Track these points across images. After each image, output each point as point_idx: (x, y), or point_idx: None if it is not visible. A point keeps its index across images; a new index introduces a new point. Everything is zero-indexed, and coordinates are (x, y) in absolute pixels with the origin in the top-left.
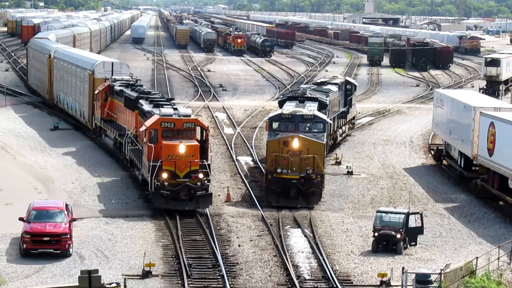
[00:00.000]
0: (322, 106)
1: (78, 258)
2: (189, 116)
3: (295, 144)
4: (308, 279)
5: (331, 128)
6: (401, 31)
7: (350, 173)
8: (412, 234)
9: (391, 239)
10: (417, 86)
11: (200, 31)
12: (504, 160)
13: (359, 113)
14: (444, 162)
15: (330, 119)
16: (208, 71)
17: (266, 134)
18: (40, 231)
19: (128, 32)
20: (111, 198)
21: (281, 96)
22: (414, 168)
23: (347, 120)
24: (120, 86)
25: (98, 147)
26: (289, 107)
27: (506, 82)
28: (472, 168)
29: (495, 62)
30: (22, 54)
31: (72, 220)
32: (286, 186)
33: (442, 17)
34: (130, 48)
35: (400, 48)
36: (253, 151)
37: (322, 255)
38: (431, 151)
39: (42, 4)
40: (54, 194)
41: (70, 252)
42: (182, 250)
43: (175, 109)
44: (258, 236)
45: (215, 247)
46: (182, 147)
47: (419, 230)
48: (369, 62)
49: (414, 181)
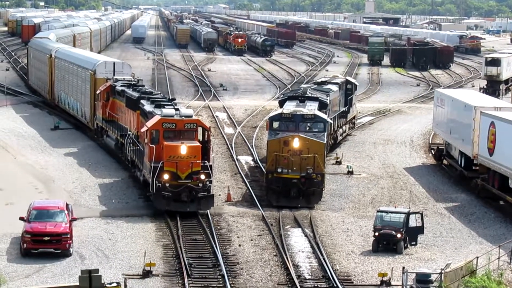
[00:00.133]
0: (323, 106)
1: (79, 258)
2: (190, 116)
3: (296, 143)
4: (309, 279)
5: (332, 128)
6: (401, 31)
7: (350, 172)
8: (412, 234)
9: (391, 239)
10: (417, 85)
11: (201, 31)
12: (505, 160)
13: (359, 112)
14: (444, 161)
15: (331, 119)
16: (209, 70)
17: (267, 134)
18: (40, 231)
19: (129, 32)
20: (111, 197)
21: (281, 96)
22: (414, 168)
23: (348, 119)
24: (121, 86)
25: (99, 146)
26: (289, 107)
27: (506, 82)
28: (473, 167)
29: (495, 62)
30: (22, 54)
31: (73, 219)
32: (287, 185)
33: (443, 16)
34: (131, 48)
35: (401, 47)
36: (253, 151)
37: (322, 255)
38: (432, 150)
39: (42, 3)
40: (54, 193)
41: (71, 252)
42: (183, 250)
43: (176, 109)
44: (258, 235)
45: (216, 247)
46: (184, 148)
47: (420, 230)
48: (369, 61)
49: (415, 180)
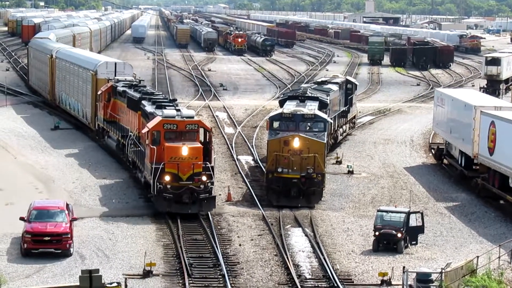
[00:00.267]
0: (323, 106)
1: (79, 258)
2: (192, 117)
3: (296, 143)
4: (309, 279)
5: (332, 128)
6: (401, 30)
7: (350, 172)
8: (412, 233)
9: (391, 238)
10: (417, 85)
11: (201, 31)
12: (505, 159)
13: (359, 112)
14: (444, 161)
15: (331, 118)
16: (209, 70)
17: (267, 134)
18: (40, 231)
19: (129, 32)
20: (111, 197)
21: (281, 96)
22: (414, 167)
23: (348, 119)
24: (123, 86)
25: (99, 147)
26: (289, 107)
27: (506, 81)
28: (473, 167)
29: (495, 61)
30: (22, 54)
31: (73, 219)
32: (287, 185)
33: (443, 16)
34: (131, 48)
35: (401, 47)
36: (253, 151)
37: (323, 254)
38: (432, 150)
39: (42, 3)
40: (54, 193)
41: (71, 252)
42: (183, 250)
43: (178, 110)
44: (259, 235)
45: (216, 247)
46: (185, 149)
47: (420, 229)
48: (369, 61)
49: (415, 180)
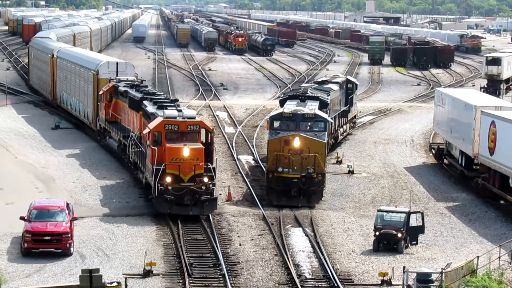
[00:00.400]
0: (323, 105)
1: (79, 257)
2: (193, 118)
3: (296, 143)
4: (309, 278)
5: (332, 127)
6: (402, 30)
7: (351, 172)
8: (413, 233)
9: (392, 238)
10: (418, 85)
11: (201, 30)
12: (505, 159)
13: (360, 112)
14: (445, 161)
15: (331, 118)
16: (209, 70)
17: (267, 133)
18: (41, 230)
19: (129, 31)
20: (112, 197)
21: (282, 95)
22: (415, 167)
23: (348, 119)
24: (124, 86)
25: (99, 146)
26: (290, 106)
27: (507, 81)
28: (473, 167)
29: (496, 61)
30: (23, 53)
31: (73, 219)
32: (287, 185)
33: (443, 16)
34: (131, 47)
35: (401, 47)
36: (254, 150)
37: (323, 254)
38: (432, 150)
39: (43, 3)
40: (55, 193)
41: (71, 251)
42: (183, 249)
43: (179, 110)
44: (259, 235)
45: (216, 246)
46: (187, 150)
47: (420, 229)
48: (370, 61)
49: (415, 180)
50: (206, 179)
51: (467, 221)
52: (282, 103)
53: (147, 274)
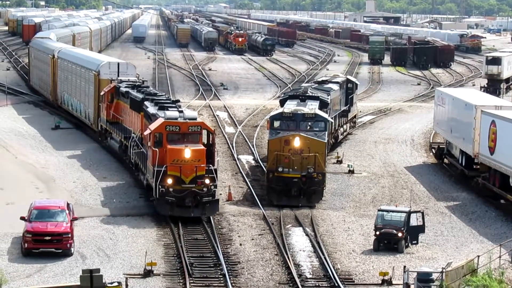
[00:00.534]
0: (323, 105)
1: (80, 257)
2: (195, 119)
3: (297, 143)
4: (310, 278)
5: (332, 127)
6: (402, 30)
7: (351, 171)
8: (413, 233)
9: (392, 238)
10: (418, 84)
11: (201, 30)
12: (505, 159)
13: (360, 111)
14: (445, 160)
15: (331, 118)
16: (209, 70)
17: (267, 133)
18: (41, 231)
19: (129, 31)
20: (112, 197)
21: (282, 95)
22: (415, 167)
23: (348, 118)
24: (126, 87)
25: (100, 146)
26: (290, 106)
27: (507, 81)
28: (473, 166)
29: (496, 61)
30: (23, 53)
31: (74, 219)
32: (288, 184)
33: (443, 15)
34: (131, 47)
35: (401, 46)
36: (254, 150)
37: (323, 254)
38: (432, 149)
39: (43, 3)
40: (55, 193)
41: (72, 251)
42: (184, 249)
43: (180, 111)
44: (259, 235)
45: (217, 246)
46: (188, 152)
47: (421, 229)
48: (370, 60)
49: (415, 179)
50: (207, 181)
51: (468, 220)
52: (282, 103)
53: (147, 274)
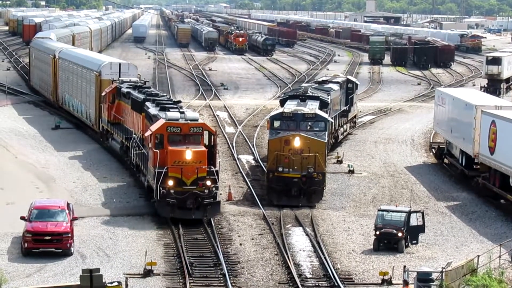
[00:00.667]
0: (324, 105)
1: (80, 257)
2: (196, 120)
3: (297, 142)
4: (310, 278)
5: (333, 127)
6: (402, 30)
7: (351, 171)
8: (413, 233)
9: (392, 238)
10: (418, 84)
11: (202, 30)
12: (506, 159)
13: (360, 111)
14: (445, 160)
15: (332, 118)
16: (210, 70)
17: (268, 133)
18: (41, 230)
19: (130, 31)
20: (112, 197)
21: (282, 95)
22: (415, 167)
23: (349, 118)
24: (127, 87)
25: (100, 146)
26: (290, 106)
27: (507, 81)
28: (474, 166)
29: (496, 61)
30: (23, 53)
31: (74, 219)
32: (288, 184)
33: (444, 15)
34: (132, 47)
35: (402, 46)
36: (254, 150)
37: (323, 254)
38: (433, 149)
39: (43, 3)
40: (55, 193)
41: (72, 251)
42: (184, 249)
43: (181, 112)
44: (259, 234)
45: (217, 246)
46: (189, 153)
47: (421, 229)
48: (370, 60)
49: (416, 179)
50: (209, 183)
51: (468, 220)
52: (283, 103)
53: (147, 273)
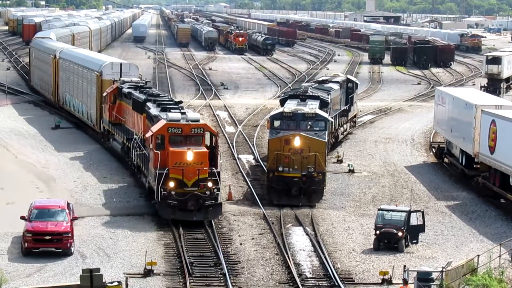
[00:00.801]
0: (324, 104)
1: (80, 257)
2: (197, 121)
3: (297, 142)
4: (310, 277)
5: (333, 126)
6: (402, 29)
7: (351, 171)
8: (413, 232)
9: (392, 237)
10: (418, 84)
11: (201, 30)
12: (506, 158)
13: (360, 111)
14: (445, 160)
15: (332, 117)
16: (210, 69)
17: (268, 133)
18: (41, 230)
19: (130, 31)
20: (112, 196)
21: (282, 95)
22: (415, 166)
23: (349, 118)
24: (128, 88)
25: (100, 145)
26: (290, 106)
27: (507, 80)
28: (474, 166)
29: (496, 60)
30: (23, 53)
31: (74, 218)
32: (288, 184)
33: (443, 15)
34: (132, 47)
35: (402, 46)
36: (254, 150)
37: (323, 253)
38: (433, 149)
39: (43, 3)
40: (55, 193)
41: (72, 251)
42: (184, 249)
43: (183, 113)
44: (259, 234)
45: (217, 246)
46: (190, 154)
47: (421, 228)
48: (370, 60)
49: (416, 179)
50: (210, 184)
51: (468, 220)
52: (283, 103)
53: (147, 273)
